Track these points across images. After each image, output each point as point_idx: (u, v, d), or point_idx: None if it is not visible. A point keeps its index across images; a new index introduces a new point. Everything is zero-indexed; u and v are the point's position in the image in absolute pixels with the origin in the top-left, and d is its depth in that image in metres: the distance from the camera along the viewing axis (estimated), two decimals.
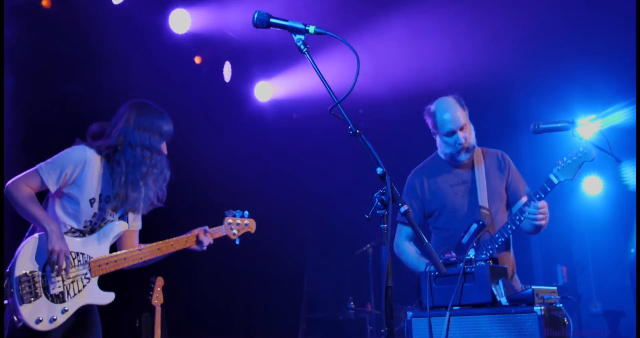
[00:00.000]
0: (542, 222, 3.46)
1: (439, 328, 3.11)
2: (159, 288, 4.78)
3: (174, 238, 3.43)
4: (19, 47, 4.89)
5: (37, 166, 3.13)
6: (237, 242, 3.73)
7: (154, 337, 4.67)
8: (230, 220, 3.71)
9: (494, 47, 7.22)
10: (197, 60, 6.91)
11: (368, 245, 7.16)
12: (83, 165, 3.17)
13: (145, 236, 3.54)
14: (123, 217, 3.36)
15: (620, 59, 6.73)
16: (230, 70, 7.19)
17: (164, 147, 3.39)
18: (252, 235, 3.84)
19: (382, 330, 6.80)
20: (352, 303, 7.19)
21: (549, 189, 3.39)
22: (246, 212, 3.78)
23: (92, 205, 3.21)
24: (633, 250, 7.58)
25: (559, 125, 3.54)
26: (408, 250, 3.85)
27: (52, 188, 3.13)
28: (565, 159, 3.38)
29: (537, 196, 3.40)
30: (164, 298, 4.82)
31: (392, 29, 7.04)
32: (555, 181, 3.38)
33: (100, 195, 3.23)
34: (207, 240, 3.51)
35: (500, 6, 6.65)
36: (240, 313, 7.25)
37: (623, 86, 6.69)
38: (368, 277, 7.00)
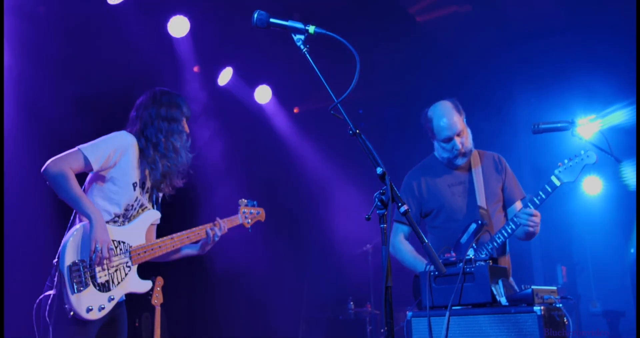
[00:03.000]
0: (531, 229, 3.46)
1: (438, 328, 3.11)
2: (158, 288, 4.78)
3: (197, 227, 3.53)
4: (17, 49, 4.90)
5: (78, 146, 3.13)
6: (250, 230, 3.89)
7: (153, 337, 4.67)
8: (244, 209, 3.87)
9: (494, 47, 7.23)
10: (196, 69, 6.91)
11: (368, 245, 7.16)
12: (126, 149, 3.24)
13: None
14: (154, 206, 3.44)
15: (620, 59, 6.73)
16: (230, 74, 7.18)
17: (185, 125, 3.48)
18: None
19: (382, 330, 6.81)
20: (352, 303, 7.18)
21: (550, 191, 3.39)
22: (255, 202, 3.94)
23: (134, 189, 3.27)
24: (633, 250, 7.57)
25: (559, 125, 3.54)
26: (405, 249, 3.85)
27: (95, 167, 3.13)
28: (566, 161, 3.38)
29: (539, 197, 3.40)
30: (163, 298, 4.82)
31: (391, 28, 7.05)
32: (557, 183, 3.38)
33: (140, 180, 3.30)
34: (224, 227, 3.61)
35: (500, 5, 6.66)
36: (240, 313, 7.25)
37: (623, 86, 6.69)
38: (368, 277, 6.99)
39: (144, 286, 3.30)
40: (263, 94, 7.78)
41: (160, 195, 3.50)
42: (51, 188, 3.07)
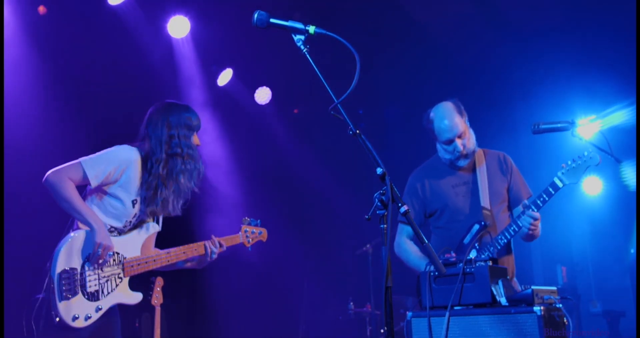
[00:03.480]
0: (536, 232, 3.48)
1: (438, 329, 3.11)
2: (158, 288, 4.78)
3: (195, 244, 3.49)
4: (17, 49, 4.89)
5: (80, 159, 3.12)
6: (250, 249, 3.86)
7: (153, 337, 4.67)
8: (246, 228, 3.83)
9: (494, 47, 7.22)
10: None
11: (368, 245, 7.15)
12: (127, 165, 3.20)
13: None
14: (154, 219, 3.42)
15: (620, 59, 6.72)
16: (230, 75, 7.16)
17: (195, 139, 3.43)
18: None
19: (382, 330, 6.80)
20: (352, 303, 7.17)
21: (553, 192, 3.38)
22: (259, 221, 3.91)
23: (134, 206, 3.24)
24: (633, 250, 7.57)
25: (559, 125, 3.53)
26: (410, 249, 3.85)
27: (93, 183, 3.12)
28: (570, 162, 3.37)
29: (541, 199, 3.39)
30: (163, 298, 4.82)
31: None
32: (560, 185, 3.37)
33: (141, 197, 3.25)
34: (222, 244, 3.57)
35: (500, 5, 6.66)
36: (239, 313, 7.25)
37: (623, 86, 6.68)
38: (368, 277, 6.99)
39: (133, 298, 3.28)
40: (263, 95, 7.76)
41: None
42: (54, 198, 3.07)
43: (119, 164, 3.18)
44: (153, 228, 3.39)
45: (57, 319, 2.92)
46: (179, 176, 3.28)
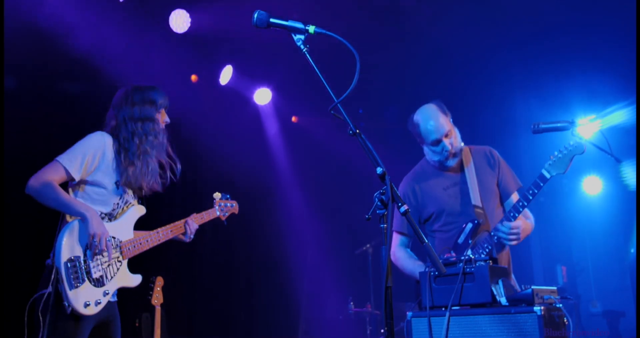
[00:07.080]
0: (513, 243, 3.50)
1: (438, 328, 3.11)
2: (158, 288, 4.79)
3: (179, 221, 3.61)
4: (17, 46, 4.88)
5: (56, 158, 3.16)
6: (225, 223, 3.93)
7: (153, 337, 4.67)
8: (220, 202, 3.92)
9: (494, 47, 7.22)
10: (194, 78, 6.91)
11: (368, 245, 7.16)
12: (103, 150, 3.26)
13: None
14: (139, 201, 3.49)
15: (620, 59, 6.73)
16: (230, 73, 7.14)
17: (163, 116, 3.50)
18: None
19: (382, 330, 6.80)
20: (351, 303, 7.18)
21: (541, 184, 3.42)
22: (228, 195, 3.99)
23: (118, 188, 3.31)
24: (633, 250, 7.57)
25: (559, 125, 3.54)
26: (403, 257, 3.86)
27: (76, 176, 3.16)
28: (556, 153, 3.42)
29: (530, 192, 3.43)
30: (163, 298, 4.82)
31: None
32: (548, 176, 3.41)
33: (121, 177, 3.33)
34: (193, 226, 3.65)
35: (500, 5, 6.66)
36: (240, 313, 7.25)
37: (623, 86, 6.69)
38: (368, 277, 6.99)
39: (134, 280, 3.37)
40: (263, 96, 7.76)
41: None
42: (41, 203, 3.10)
43: (95, 150, 3.22)
44: (141, 210, 3.46)
45: (70, 309, 2.97)
46: (144, 151, 3.34)
